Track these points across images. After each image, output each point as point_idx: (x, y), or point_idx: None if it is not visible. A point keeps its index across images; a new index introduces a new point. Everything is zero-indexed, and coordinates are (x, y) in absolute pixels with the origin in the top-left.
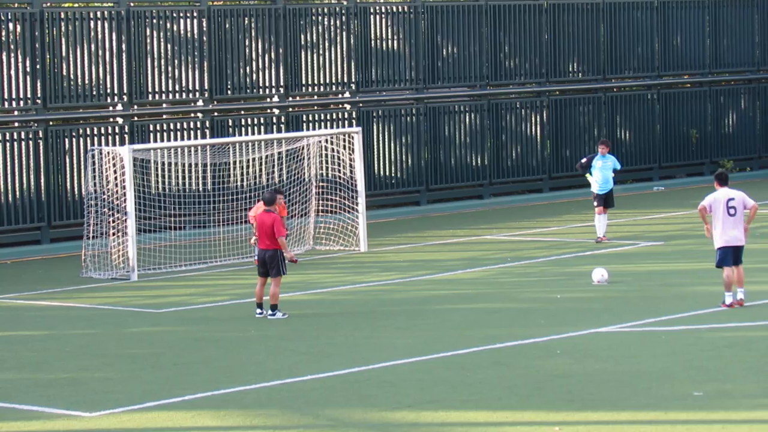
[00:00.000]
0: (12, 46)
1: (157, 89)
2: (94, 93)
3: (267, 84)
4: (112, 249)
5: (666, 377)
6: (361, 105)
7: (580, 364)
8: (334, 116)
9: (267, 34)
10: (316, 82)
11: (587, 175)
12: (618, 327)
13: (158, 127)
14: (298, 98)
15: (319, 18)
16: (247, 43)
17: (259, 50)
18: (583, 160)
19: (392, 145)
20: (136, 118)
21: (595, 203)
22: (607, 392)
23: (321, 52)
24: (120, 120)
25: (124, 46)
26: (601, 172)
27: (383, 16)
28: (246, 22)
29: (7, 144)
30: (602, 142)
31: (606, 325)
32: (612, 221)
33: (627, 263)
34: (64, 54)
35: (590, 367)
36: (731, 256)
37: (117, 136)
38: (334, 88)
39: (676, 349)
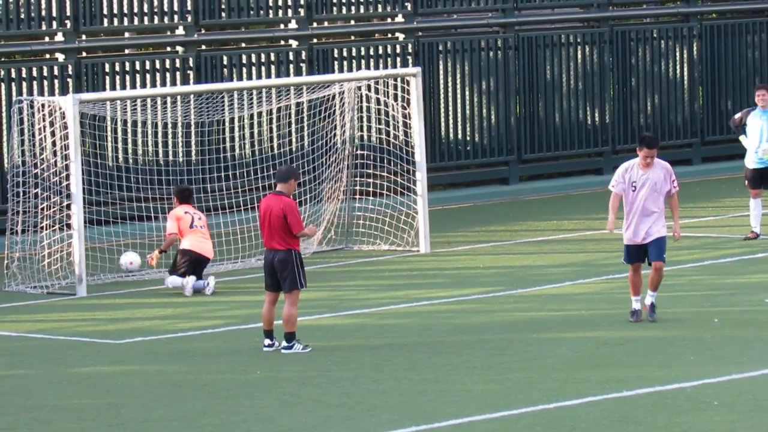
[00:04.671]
0: None
1: (115, 11)
2: (22, 17)
3: (280, 3)
4: (48, 249)
5: None
6: (420, 34)
7: (749, 421)
8: (380, 51)
9: None
10: (353, 0)
11: (741, 137)
12: None
13: (118, 68)
14: (326, 24)
15: None
16: None
17: None
18: (737, 116)
19: (467, 94)
20: (84, 54)
21: (747, 182)
22: None
23: None
24: (61, 57)
25: None
26: (759, 134)
27: None
28: None
29: None
30: (762, 88)
31: None
32: None
33: None
34: None
35: (763, 425)
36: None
37: (56, 81)
38: (380, 9)
39: None
